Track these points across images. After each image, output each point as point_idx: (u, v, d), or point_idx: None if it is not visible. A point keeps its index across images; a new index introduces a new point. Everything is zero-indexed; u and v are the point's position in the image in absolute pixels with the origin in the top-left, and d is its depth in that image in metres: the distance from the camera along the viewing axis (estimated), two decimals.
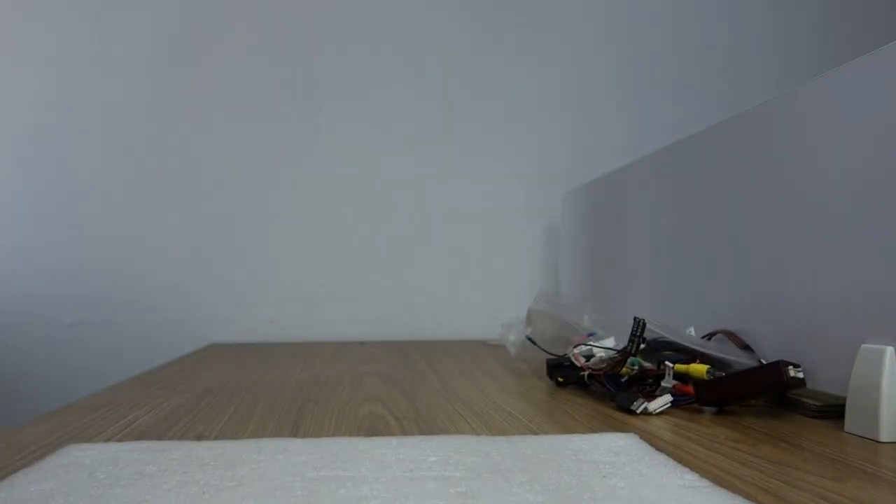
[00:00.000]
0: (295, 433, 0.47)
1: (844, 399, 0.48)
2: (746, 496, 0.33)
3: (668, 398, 0.54)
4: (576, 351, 0.65)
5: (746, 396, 0.53)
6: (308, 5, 1.27)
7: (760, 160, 0.62)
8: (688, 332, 0.65)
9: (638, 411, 0.53)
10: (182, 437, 0.46)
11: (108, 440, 0.45)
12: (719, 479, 0.35)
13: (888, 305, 0.47)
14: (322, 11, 1.27)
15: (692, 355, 0.59)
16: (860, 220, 0.50)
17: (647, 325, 0.58)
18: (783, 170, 0.59)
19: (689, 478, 0.35)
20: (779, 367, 0.51)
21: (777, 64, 1.34)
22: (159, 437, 0.46)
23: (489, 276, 1.28)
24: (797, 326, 0.57)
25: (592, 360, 0.63)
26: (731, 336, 0.63)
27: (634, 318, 0.58)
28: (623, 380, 0.60)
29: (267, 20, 1.26)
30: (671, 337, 0.61)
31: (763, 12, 1.35)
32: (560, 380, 0.67)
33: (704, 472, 0.36)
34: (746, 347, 0.61)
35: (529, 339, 0.75)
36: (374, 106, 1.27)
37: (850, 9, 1.36)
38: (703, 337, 0.65)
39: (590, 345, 0.65)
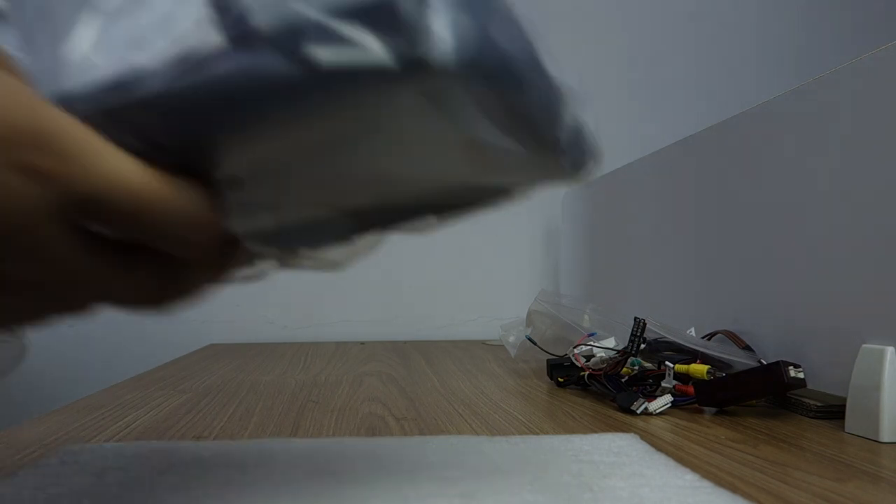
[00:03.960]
0: (295, 433, 0.47)
1: (845, 399, 0.48)
2: (747, 497, 0.32)
3: (668, 398, 0.54)
4: (576, 351, 0.65)
5: (747, 397, 0.53)
6: None
7: (760, 160, 0.62)
8: (688, 332, 0.64)
9: (638, 411, 0.53)
10: (182, 437, 0.46)
11: (108, 440, 0.45)
12: (720, 480, 0.35)
13: (888, 305, 0.47)
14: None
15: (692, 355, 0.59)
16: (860, 219, 0.50)
17: (648, 325, 0.58)
18: (783, 170, 0.59)
19: (690, 478, 0.34)
20: (779, 367, 0.51)
21: (776, 64, 1.34)
22: (159, 438, 0.46)
23: (489, 276, 1.28)
24: (797, 326, 0.57)
25: (593, 360, 0.63)
26: (732, 336, 0.63)
27: (634, 318, 0.58)
28: (623, 380, 0.60)
29: None
30: (671, 337, 0.60)
31: (762, 12, 1.35)
32: (560, 380, 0.67)
33: (705, 473, 0.36)
34: (747, 348, 0.61)
35: (529, 339, 0.75)
36: None
37: (851, 9, 1.36)
38: (704, 337, 0.64)
39: (590, 345, 0.65)
